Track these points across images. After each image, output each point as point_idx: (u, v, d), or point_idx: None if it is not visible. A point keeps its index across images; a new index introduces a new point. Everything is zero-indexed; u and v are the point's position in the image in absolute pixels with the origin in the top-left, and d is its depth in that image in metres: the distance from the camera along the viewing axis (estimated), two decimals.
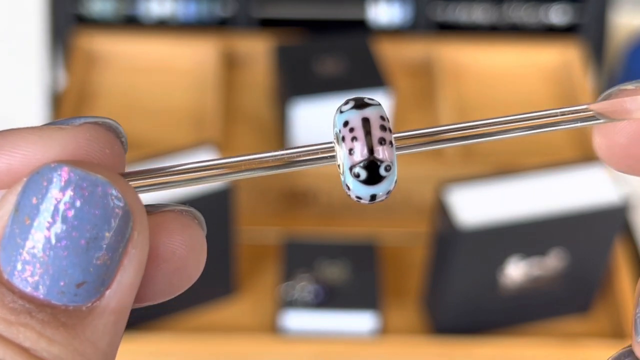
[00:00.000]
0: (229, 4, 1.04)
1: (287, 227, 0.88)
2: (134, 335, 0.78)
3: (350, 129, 0.21)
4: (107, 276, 0.20)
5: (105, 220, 0.20)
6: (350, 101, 0.22)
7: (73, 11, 1.04)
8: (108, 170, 0.20)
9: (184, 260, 0.21)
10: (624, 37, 1.13)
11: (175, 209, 0.22)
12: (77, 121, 0.21)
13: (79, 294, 0.19)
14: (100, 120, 0.21)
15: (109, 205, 0.20)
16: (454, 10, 1.06)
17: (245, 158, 0.22)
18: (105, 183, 0.20)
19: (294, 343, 0.79)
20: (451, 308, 0.79)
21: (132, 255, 0.20)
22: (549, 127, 0.23)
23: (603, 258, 0.80)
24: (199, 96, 0.97)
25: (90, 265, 0.19)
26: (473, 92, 1.00)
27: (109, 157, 0.21)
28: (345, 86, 0.88)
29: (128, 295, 0.20)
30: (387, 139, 0.21)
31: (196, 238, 0.22)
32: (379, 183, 0.21)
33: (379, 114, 0.22)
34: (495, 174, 0.77)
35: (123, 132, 0.22)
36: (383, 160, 0.21)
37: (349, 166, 0.21)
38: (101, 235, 0.19)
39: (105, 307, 0.20)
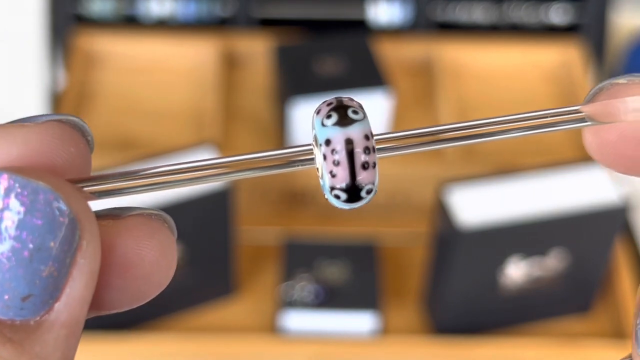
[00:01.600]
0: (229, 4, 1.04)
1: (287, 227, 0.88)
2: (134, 335, 0.78)
3: (332, 150, 0.20)
4: (55, 288, 0.19)
5: (49, 230, 0.19)
6: (333, 112, 0.21)
7: (73, 11, 1.04)
8: (53, 177, 0.19)
9: (153, 266, 0.20)
10: (624, 37, 1.13)
11: (144, 213, 0.21)
12: (40, 119, 0.20)
13: (26, 308, 0.19)
14: (65, 118, 0.20)
15: (53, 214, 0.19)
16: (454, 10, 1.06)
17: (220, 161, 0.21)
18: (48, 190, 0.19)
19: (294, 343, 0.79)
20: (451, 308, 0.79)
21: (81, 265, 0.19)
22: (543, 129, 0.22)
23: (603, 258, 0.80)
24: (199, 96, 0.97)
25: (36, 278, 0.18)
26: (473, 92, 0.99)
27: (74, 156, 0.20)
28: (345, 86, 0.88)
29: (79, 307, 0.19)
30: (371, 161, 0.21)
31: (166, 243, 0.21)
32: (359, 201, 0.21)
33: (363, 132, 0.21)
34: (495, 174, 0.77)
35: (89, 131, 0.21)
36: (365, 184, 0.21)
37: (329, 186, 0.21)
38: (45, 245, 0.18)
39: (55, 320, 0.19)
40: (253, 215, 0.89)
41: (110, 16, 1.04)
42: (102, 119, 0.94)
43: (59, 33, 1.04)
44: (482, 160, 0.89)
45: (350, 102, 0.21)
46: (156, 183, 0.21)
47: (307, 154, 0.21)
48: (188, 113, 0.95)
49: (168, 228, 0.21)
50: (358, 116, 0.21)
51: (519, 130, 0.22)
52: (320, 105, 0.21)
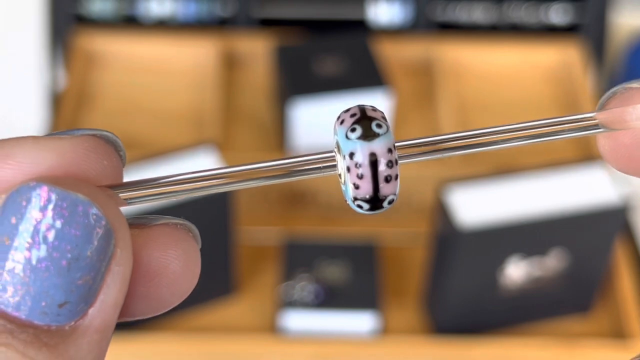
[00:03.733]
0: (229, 4, 1.04)
1: (287, 227, 0.88)
2: (134, 335, 0.78)
3: (356, 163, 0.21)
4: (90, 295, 0.19)
5: (87, 240, 0.19)
6: (357, 125, 0.21)
7: (73, 11, 1.04)
8: (89, 187, 0.20)
9: (177, 275, 0.21)
10: (624, 37, 1.13)
11: (170, 222, 0.21)
12: (76, 132, 0.21)
13: (62, 314, 0.19)
14: (99, 133, 0.21)
15: (90, 225, 0.19)
16: (454, 10, 1.06)
17: (245, 168, 0.21)
18: (85, 202, 0.19)
19: (294, 343, 0.79)
20: (451, 308, 0.79)
21: (115, 272, 0.20)
22: (552, 136, 0.22)
23: (603, 258, 0.80)
24: (199, 96, 0.97)
25: (73, 286, 0.19)
26: (473, 92, 0.99)
27: (107, 169, 0.21)
28: (345, 86, 0.88)
29: (112, 313, 0.20)
30: (393, 174, 0.21)
31: (190, 252, 0.21)
32: (380, 210, 0.22)
33: (387, 146, 0.21)
34: (495, 174, 0.77)
35: (121, 146, 0.21)
36: (387, 196, 0.21)
37: (353, 197, 0.21)
38: (83, 255, 0.19)
39: (89, 326, 0.19)
40: (253, 215, 0.89)
41: (110, 16, 1.04)
42: (102, 119, 0.94)
43: (59, 33, 1.04)
44: (482, 160, 0.89)
45: (374, 113, 0.21)
46: (176, 191, 0.21)
47: (329, 161, 0.22)
48: (188, 113, 0.95)
49: (193, 238, 0.21)
50: (382, 130, 0.21)
51: (526, 139, 0.22)
52: (343, 115, 0.21)
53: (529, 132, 0.22)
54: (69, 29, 1.02)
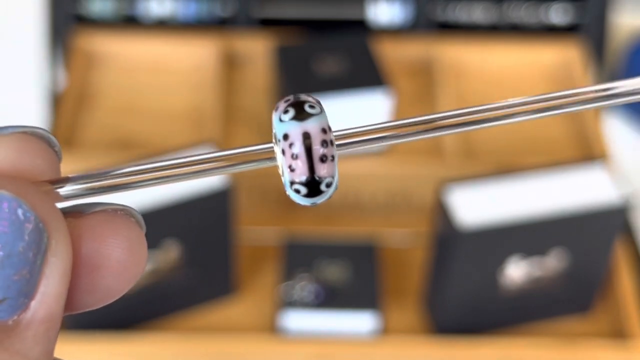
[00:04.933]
0: (229, 4, 1.04)
1: (287, 227, 0.88)
2: (134, 336, 0.78)
3: (290, 143, 0.21)
4: (28, 289, 0.19)
5: (16, 236, 0.19)
6: (290, 108, 0.21)
7: (73, 11, 1.04)
8: (16, 184, 0.19)
9: (121, 264, 0.21)
10: (624, 37, 1.13)
11: (108, 209, 0.21)
12: (5, 130, 0.21)
13: (2, 310, 0.19)
14: (30, 130, 0.21)
15: (18, 221, 0.19)
16: (454, 10, 1.06)
17: (180, 161, 0.21)
18: (11, 199, 0.19)
19: (294, 343, 0.79)
20: (451, 308, 0.79)
21: (52, 263, 0.19)
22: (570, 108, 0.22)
23: (603, 258, 0.80)
24: (199, 96, 0.97)
25: (9, 282, 0.19)
26: (473, 92, 0.99)
27: (41, 168, 0.20)
28: (345, 86, 0.88)
29: (55, 303, 0.20)
30: (329, 154, 0.21)
31: (133, 239, 0.21)
32: (319, 196, 0.21)
33: (321, 126, 0.21)
34: (495, 174, 0.77)
35: (56, 142, 0.21)
36: (324, 177, 0.21)
37: (289, 181, 0.21)
38: (14, 251, 0.19)
39: (32, 318, 0.19)
40: (253, 215, 0.89)
41: (110, 16, 1.04)
42: (102, 119, 0.94)
43: (59, 33, 1.04)
44: (482, 160, 0.89)
45: (307, 97, 0.21)
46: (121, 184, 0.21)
47: (269, 153, 0.21)
48: (188, 113, 0.95)
49: (135, 222, 0.21)
50: (315, 110, 0.21)
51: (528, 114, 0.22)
52: (279, 103, 0.21)
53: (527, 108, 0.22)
54: (69, 29, 1.02)
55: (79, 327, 0.77)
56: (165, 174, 0.21)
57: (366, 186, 0.90)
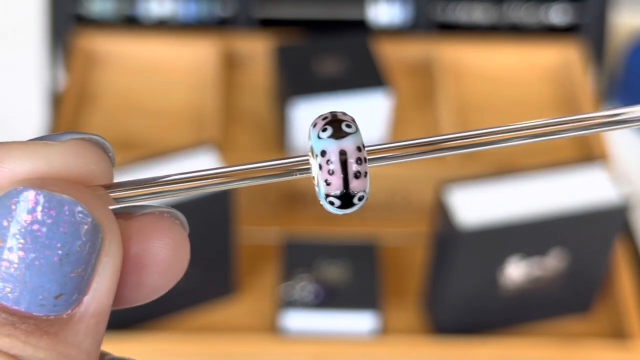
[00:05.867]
0: (229, 4, 1.04)
1: (287, 227, 0.88)
2: (134, 335, 0.78)
3: (327, 160, 0.22)
4: (83, 285, 0.21)
5: (75, 236, 0.21)
6: (328, 126, 0.22)
7: (73, 11, 1.04)
8: (74, 188, 0.21)
9: (166, 263, 0.22)
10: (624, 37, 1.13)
11: (156, 212, 0.23)
12: (64, 137, 0.22)
13: (58, 304, 0.21)
14: (87, 137, 0.22)
15: (76, 222, 0.21)
16: (454, 10, 1.06)
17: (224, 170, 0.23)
18: (71, 202, 0.21)
19: (294, 343, 0.79)
20: (451, 308, 0.79)
21: (105, 262, 0.21)
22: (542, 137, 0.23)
23: (603, 258, 0.80)
24: (199, 96, 0.97)
25: (66, 279, 0.21)
26: (473, 92, 1.00)
27: (95, 174, 0.22)
28: (345, 86, 0.88)
29: (106, 299, 0.21)
30: (362, 171, 0.22)
31: (178, 239, 0.22)
32: (351, 208, 0.23)
33: (356, 144, 0.22)
34: (495, 174, 0.77)
35: (110, 148, 0.23)
36: (357, 192, 0.23)
37: (324, 194, 0.23)
38: (72, 250, 0.21)
39: (85, 312, 0.21)
40: (253, 215, 0.89)
41: (110, 16, 1.04)
42: (102, 119, 0.94)
43: (59, 33, 1.04)
44: (482, 160, 0.89)
45: (344, 116, 0.23)
46: (168, 190, 0.23)
47: (304, 164, 0.23)
48: (188, 113, 0.95)
49: (179, 225, 0.23)
50: (351, 129, 0.23)
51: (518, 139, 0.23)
52: (317, 119, 0.23)
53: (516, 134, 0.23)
54: (69, 29, 1.02)
55: None
56: (203, 184, 0.23)
57: None
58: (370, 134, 0.90)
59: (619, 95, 1.13)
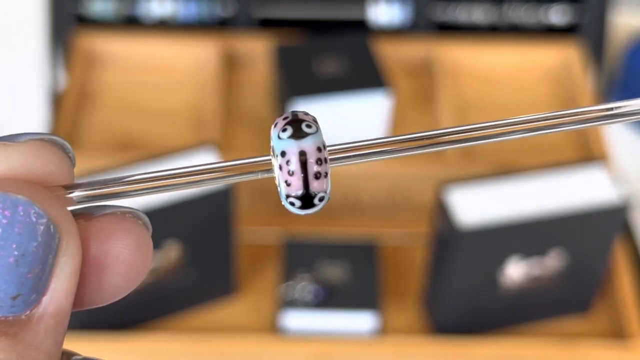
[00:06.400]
0: (229, 4, 1.05)
1: (287, 227, 0.89)
2: (134, 335, 0.78)
3: (287, 160, 0.22)
4: (40, 286, 0.21)
5: (31, 237, 0.20)
6: (288, 126, 0.22)
7: (73, 11, 1.04)
8: (30, 188, 0.21)
9: (128, 264, 0.22)
10: (624, 37, 1.13)
11: (117, 212, 0.22)
12: (22, 137, 0.22)
13: (16, 305, 0.20)
14: (46, 137, 0.22)
15: (31, 223, 0.20)
16: (454, 10, 1.06)
17: (183, 170, 0.23)
18: (25, 202, 0.20)
19: (294, 343, 0.79)
20: (451, 308, 0.79)
21: (63, 263, 0.21)
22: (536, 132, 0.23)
23: (603, 258, 0.80)
24: (199, 96, 0.97)
25: (23, 279, 0.20)
26: (473, 92, 1.00)
27: (55, 174, 0.22)
28: (345, 86, 0.88)
29: (65, 299, 0.21)
30: (323, 171, 0.22)
31: (140, 240, 0.22)
32: (312, 208, 0.23)
33: (316, 144, 0.22)
34: (495, 174, 0.77)
35: (70, 148, 0.22)
36: (317, 192, 0.22)
37: (285, 195, 0.22)
38: (28, 251, 0.20)
39: (43, 313, 0.21)
40: (253, 215, 0.89)
41: (111, 16, 1.05)
42: (103, 120, 0.94)
43: (59, 33, 1.04)
44: (482, 160, 0.90)
45: (305, 116, 0.23)
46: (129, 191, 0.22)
47: (267, 164, 0.23)
48: (188, 113, 0.96)
49: (142, 225, 0.22)
50: (311, 129, 0.22)
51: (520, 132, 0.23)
52: (277, 119, 0.23)
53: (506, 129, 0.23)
54: (70, 29, 1.02)
55: (79, 326, 0.77)
56: (168, 183, 0.23)
57: (366, 186, 0.90)
58: (370, 134, 0.90)
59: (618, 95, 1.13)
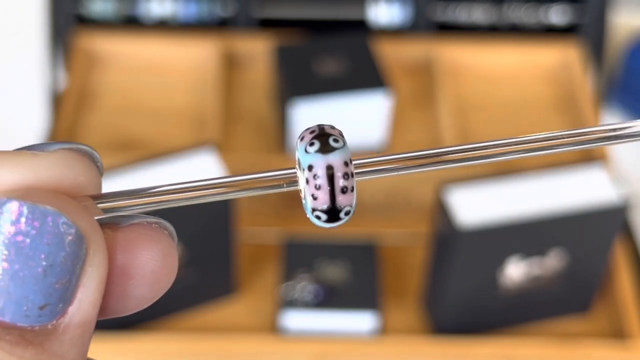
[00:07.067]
0: (229, 4, 1.05)
1: (287, 227, 0.89)
2: (134, 335, 0.78)
3: (314, 175, 0.22)
4: (67, 296, 0.21)
5: (59, 247, 0.20)
6: (315, 140, 0.22)
7: (73, 11, 1.04)
8: (58, 199, 0.21)
9: (154, 274, 0.22)
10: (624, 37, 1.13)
11: (144, 222, 0.22)
12: (52, 147, 0.22)
13: (43, 315, 0.21)
14: (75, 146, 0.22)
15: (60, 233, 0.20)
16: (454, 10, 1.06)
17: (210, 182, 0.23)
18: (54, 213, 0.20)
19: (294, 343, 0.79)
20: (451, 308, 0.79)
21: (89, 273, 0.21)
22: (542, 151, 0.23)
23: (603, 258, 0.80)
24: (199, 96, 0.97)
25: (50, 290, 0.21)
26: (473, 92, 1.00)
27: (83, 184, 0.22)
28: (345, 86, 0.88)
29: (91, 309, 0.21)
30: (349, 185, 0.22)
31: (166, 251, 0.22)
32: (337, 222, 0.23)
33: (343, 159, 0.22)
34: (495, 174, 0.77)
35: (98, 157, 0.22)
36: (344, 207, 0.22)
37: (311, 208, 0.23)
38: (57, 261, 0.20)
39: (69, 323, 0.21)
40: (253, 215, 0.89)
41: (111, 16, 1.05)
42: (103, 120, 0.94)
43: (59, 33, 1.04)
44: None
45: (332, 130, 0.23)
46: (156, 202, 0.23)
47: (292, 177, 0.23)
48: (188, 113, 0.96)
49: (168, 235, 0.23)
50: (338, 144, 0.22)
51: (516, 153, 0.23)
52: (304, 133, 0.23)
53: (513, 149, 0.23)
54: (70, 30, 1.02)
55: None
56: (193, 195, 0.23)
57: (366, 186, 0.90)
58: (370, 134, 0.90)
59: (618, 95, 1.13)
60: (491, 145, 0.23)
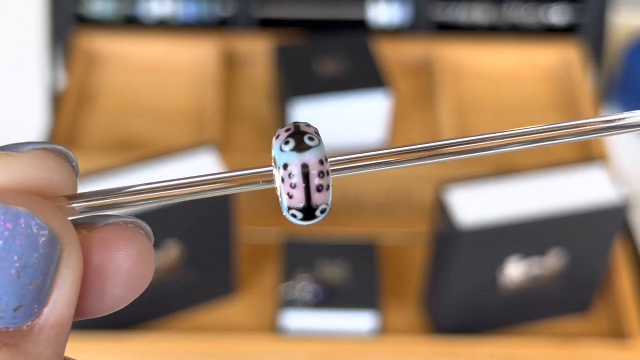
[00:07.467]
0: (229, 4, 1.05)
1: (287, 227, 0.89)
2: (134, 335, 0.78)
3: (289, 173, 0.22)
4: (42, 297, 0.21)
5: (32, 249, 0.20)
6: (290, 139, 0.22)
7: (73, 11, 1.04)
8: (31, 200, 0.21)
9: (130, 274, 0.22)
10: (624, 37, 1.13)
11: (120, 222, 0.22)
12: (25, 147, 0.21)
13: (18, 317, 0.20)
14: (50, 146, 0.22)
15: (33, 235, 0.20)
16: (454, 10, 1.06)
17: (185, 181, 0.23)
18: (27, 214, 0.20)
19: (294, 343, 0.79)
20: (451, 308, 0.79)
21: (64, 274, 0.21)
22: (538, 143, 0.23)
23: (603, 258, 0.80)
24: (199, 96, 0.97)
25: (24, 291, 0.20)
26: (473, 92, 1.00)
27: (57, 184, 0.21)
28: (345, 86, 0.88)
29: (66, 310, 0.21)
30: (325, 184, 0.22)
31: (142, 251, 0.22)
32: (313, 220, 0.23)
33: (319, 158, 0.22)
34: (495, 174, 0.77)
35: (73, 157, 0.22)
36: (319, 205, 0.22)
37: (287, 207, 0.22)
38: (30, 263, 0.20)
39: (45, 324, 0.21)
40: (253, 215, 0.89)
41: (111, 16, 1.05)
42: (103, 120, 0.94)
43: (60, 33, 1.04)
44: (482, 160, 0.90)
45: (307, 128, 0.23)
46: (132, 201, 0.22)
47: (269, 175, 0.23)
48: (188, 113, 0.96)
49: (144, 235, 0.22)
50: (314, 143, 0.22)
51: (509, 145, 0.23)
52: (280, 131, 0.23)
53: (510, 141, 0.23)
54: (70, 29, 1.02)
55: (79, 327, 0.77)
56: (170, 194, 0.23)
57: (366, 186, 0.90)
58: (370, 134, 0.90)
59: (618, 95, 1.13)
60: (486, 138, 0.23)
